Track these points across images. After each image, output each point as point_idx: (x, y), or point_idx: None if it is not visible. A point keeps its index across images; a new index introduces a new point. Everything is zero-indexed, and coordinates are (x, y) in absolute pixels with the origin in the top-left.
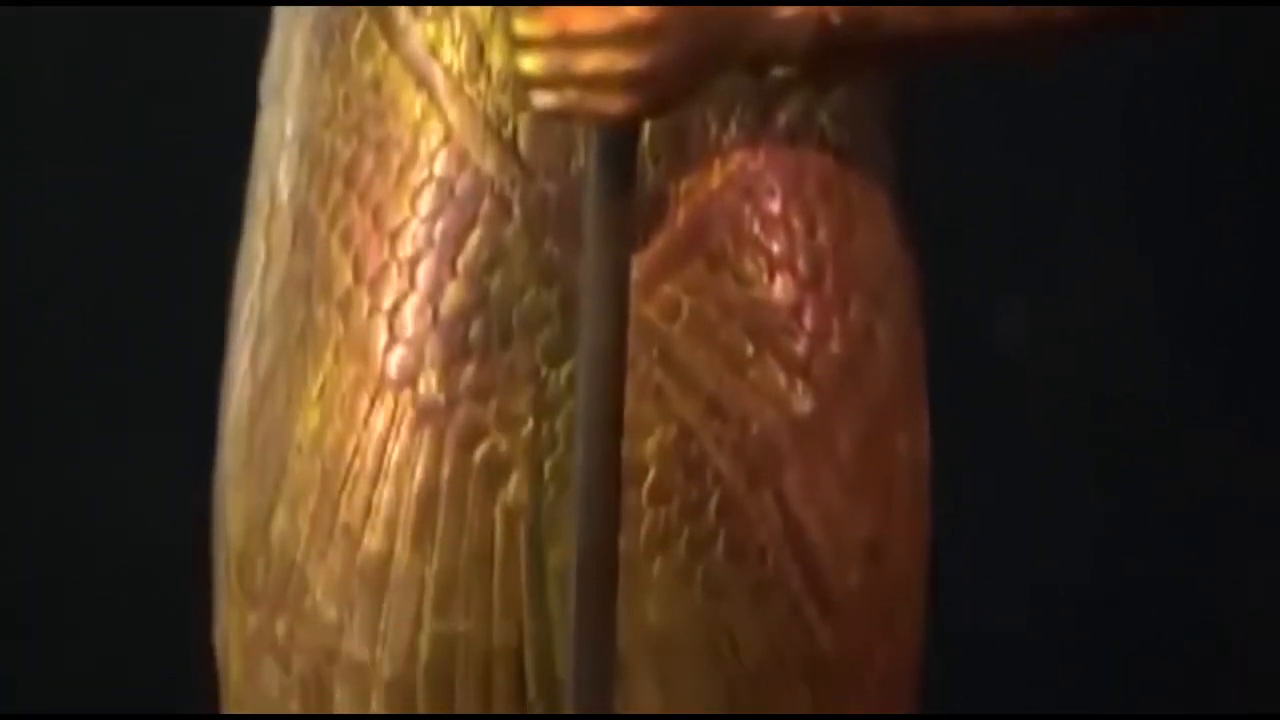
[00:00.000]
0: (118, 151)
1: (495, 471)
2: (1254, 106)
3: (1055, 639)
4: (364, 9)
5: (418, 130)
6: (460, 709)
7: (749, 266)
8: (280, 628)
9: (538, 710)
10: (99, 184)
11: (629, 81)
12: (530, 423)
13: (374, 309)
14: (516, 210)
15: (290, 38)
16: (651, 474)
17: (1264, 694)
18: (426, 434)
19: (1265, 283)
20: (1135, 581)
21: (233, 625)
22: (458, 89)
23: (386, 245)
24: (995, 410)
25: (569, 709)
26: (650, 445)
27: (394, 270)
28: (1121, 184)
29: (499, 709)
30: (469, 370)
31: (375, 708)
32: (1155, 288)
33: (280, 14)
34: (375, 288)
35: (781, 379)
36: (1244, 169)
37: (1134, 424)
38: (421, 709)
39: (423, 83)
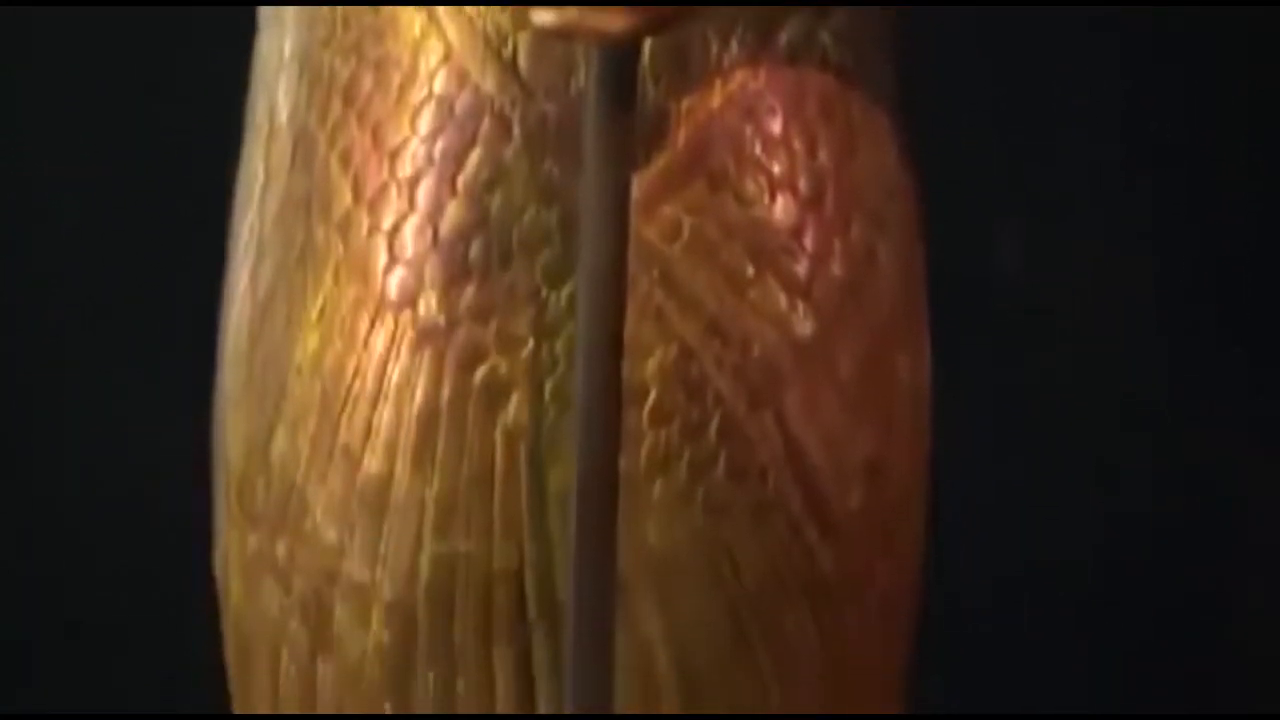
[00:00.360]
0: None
1: (495, 393)
2: (1261, 23)
3: (1062, 568)
4: None
5: (417, 49)
6: (460, 630)
7: (750, 187)
8: (280, 549)
9: (539, 631)
10: (97, 106)
11: None
12: (530, 344)
13: (374, 229)
14: (516, 130)
15: None
16: (652, 395)
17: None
18: (426, 355)
19: (1269, 201)
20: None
21: (233, 546)
22: (457, 8)
23: (386, 165)
24: (994, 334)
25: (570, 629)
26: (651, 366)
27: (393, 190)
28: (1123, 108)
29: (499, 630)
30: (469, 291)
31: (375, 628)
32: (1155, 213)
33: None
34: (375, 208)
35: (782, 300)
36: (1248, 87)
37: (1133, 344)
38: (422, 630)
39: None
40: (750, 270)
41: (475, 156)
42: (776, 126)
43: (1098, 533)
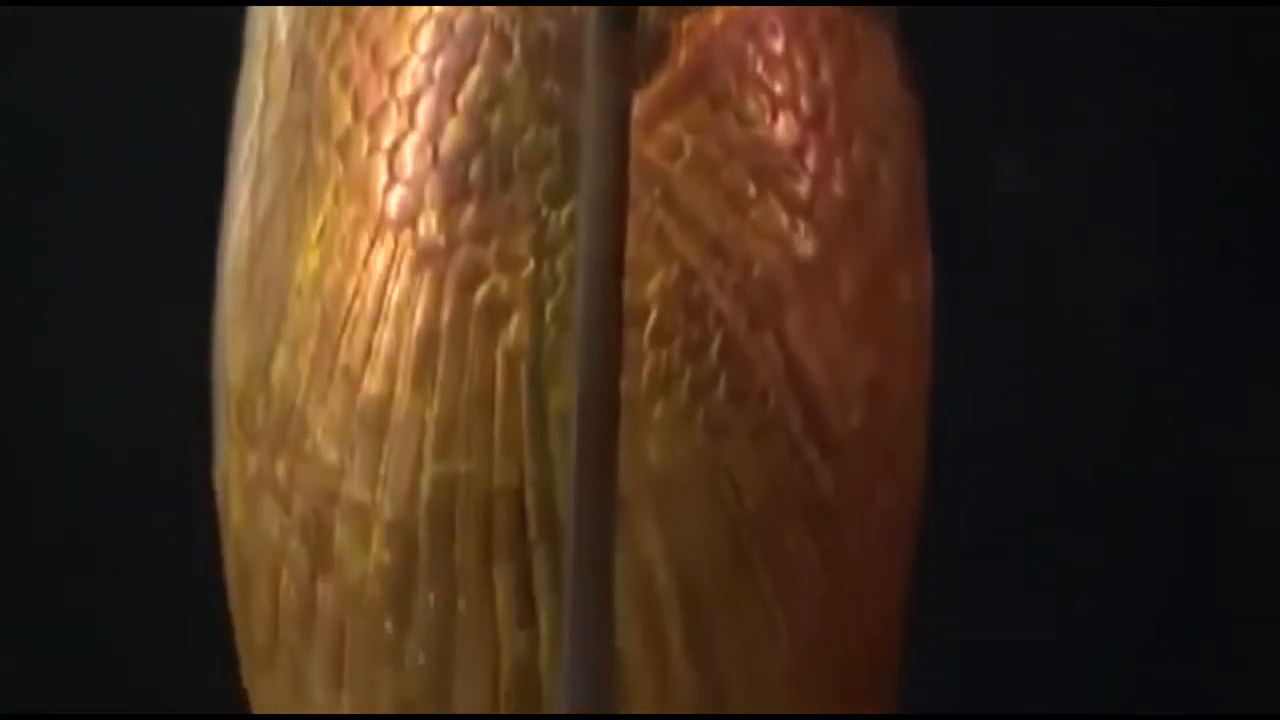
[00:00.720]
0: None
1: (496, 313)
2: None
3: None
4: None
5: None
6: (461, 549)
7: (751, 106)
8: (280, 469)
9: (539, 550)
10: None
11: None
12: (531, 263)
13: (373, 148)
14: (516, 48)
15: None
16: (653, 315)
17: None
18: (427, 275)
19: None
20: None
21: (233, 467)
22: None
23: (386, 83)
24: (993, 254)
25: (570, 548)
26: (652, 286)
27: (393, 109)
28: (1123, 32)
29: (500, 549)
30: (469, 210)
31: (376, 549)
32: (1155, 130)
33: None
34: (375, 126)
35: (784, 220)
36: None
37: (1134, 258)
38: (423, 549)
39: None
40: (752, 190)
41: (475, 75)
42: (778, 45)
43: (1100, 453)
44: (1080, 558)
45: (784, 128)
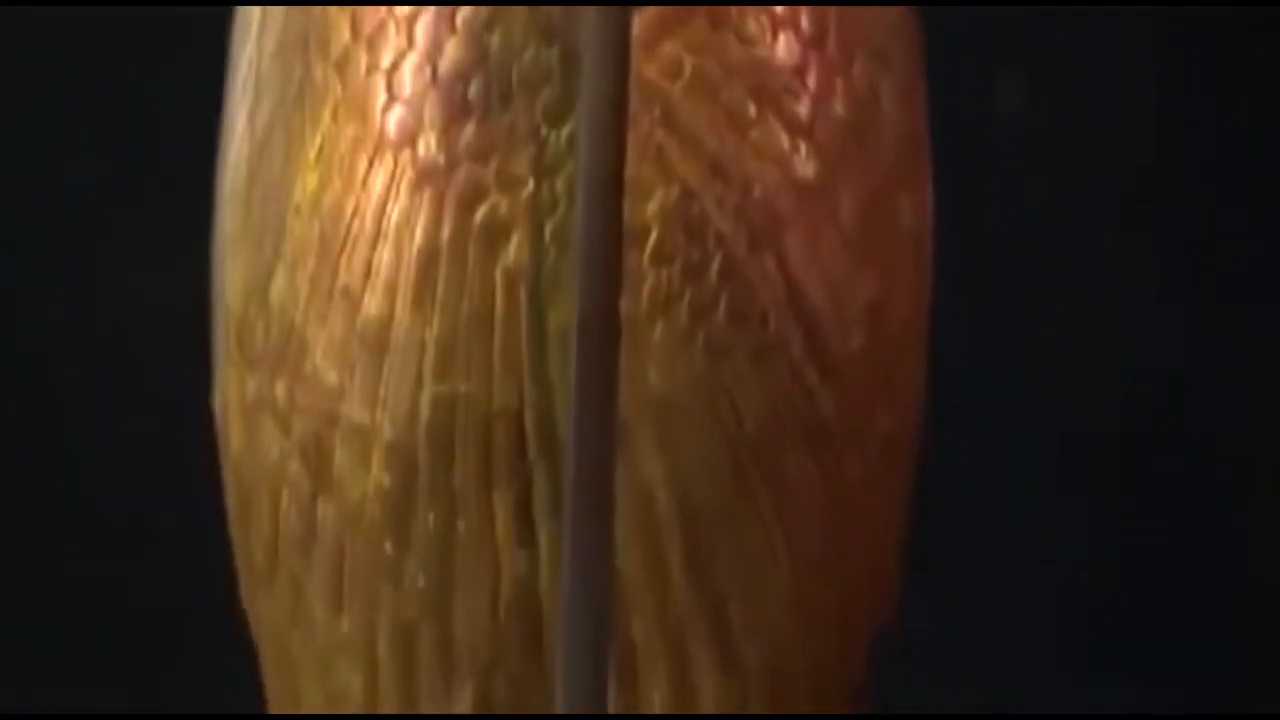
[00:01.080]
0: None
1: (495, 233)
2: None
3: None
4: None
5: None
6: (460, 471)
7: (751, 25)
8: (280, 391)
9: (539, 472)
10: None
11: None
12: (530, 183)
13: (372, 67)
14: None
15: None
16: (653, 236)
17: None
18: (426, 195)
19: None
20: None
21: (232, 390)
22: None
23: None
24: (993, 179)
25: (570, 470)
26: (651, 207)
27: (391, 27)
28: None
29: (499, 470)
30: (469, 130)
31: (376, 470)
32: (1156, 55)
33: None
34: (373, 45)
35: (784, 140)
36: None
37: (1131, 183)
38: (422, 471)
39: None
40: (752, 110)
41: None
42: None
43: (1099, 379)
44: (1079, 482)
45: (784, 47)
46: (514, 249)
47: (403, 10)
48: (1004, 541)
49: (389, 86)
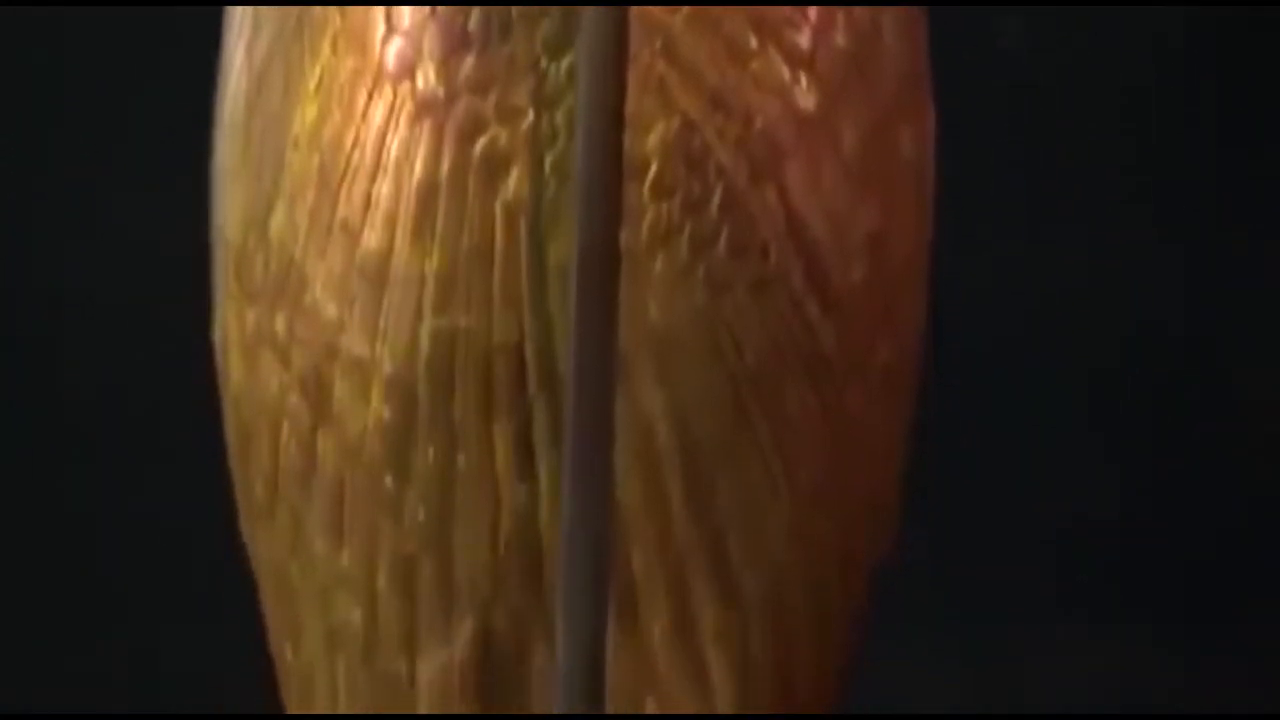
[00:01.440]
0: None
1: (495, 165)
2: None
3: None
4: None
5: None
6: (460, 404)
7: None
8: (279, 324)
9: (539, 405)
10: None
11: None
12: (530, 115)
13: None
14: None
15: None
16: (653, 168)
17: None
18: (426, 127)
19: None
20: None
21: (231, 324)
22: None
23: None
24: (994, 112)
25: (570, 403)
26: (652, 139)
27: None
28: None
29: (499, 404)
30: (468, 62)
31: (375, 404)
32: None
33: None
34: None
35: (785, 72)
36: None
37: (1133, 116)
38: (422, 404)
39: None
40: (753, 41)
41: None
42: None
43: (1099, 310)
44: (1079, 413)
45: None
46: (514, 182)
47: None
48: (1003, 475)
49: (388, 18)
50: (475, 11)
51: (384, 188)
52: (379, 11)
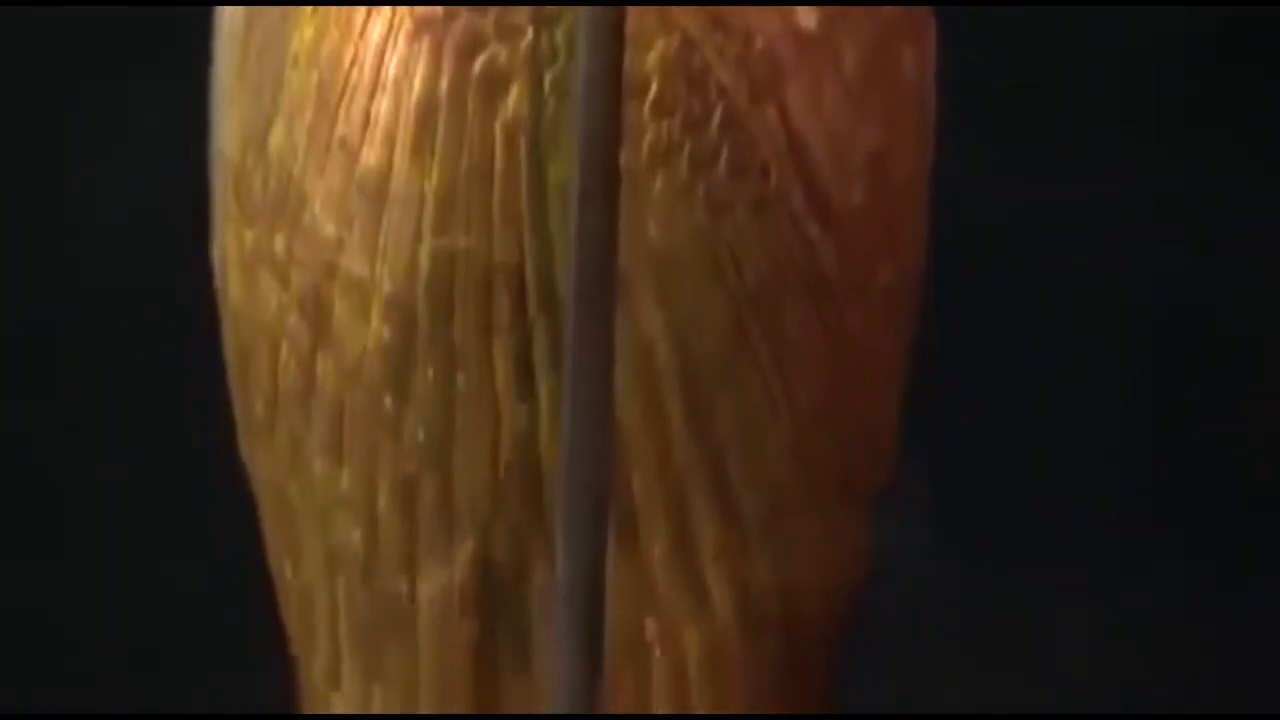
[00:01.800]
0: None
1: (495, 83)
2: None
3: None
4: None
5: None
6: (460, 324)
7: None
8: (279, 243)
9: (539, 325)
10: None
11: None
12: (530, 33)
13: None
14: None
15: None
16: (653, 87)
17: None
18: (424, 44)
19: None
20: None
21: (230, 244)
22: None
23: None
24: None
25: (570, 323)
26: (652, 58)
27: None
28: None
29: (499, 324)
30: None
31: (375, 324)
32: None
33: None
34: None
35: None
36: None
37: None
38: (422, 325)
39: None
40: None
41: None
42: None
43: (1101, 231)
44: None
45: None
46: (513, 100)
47: None
48: (1002, 399)
49: None
50: None
51: (383, 105)
52: None
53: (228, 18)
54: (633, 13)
